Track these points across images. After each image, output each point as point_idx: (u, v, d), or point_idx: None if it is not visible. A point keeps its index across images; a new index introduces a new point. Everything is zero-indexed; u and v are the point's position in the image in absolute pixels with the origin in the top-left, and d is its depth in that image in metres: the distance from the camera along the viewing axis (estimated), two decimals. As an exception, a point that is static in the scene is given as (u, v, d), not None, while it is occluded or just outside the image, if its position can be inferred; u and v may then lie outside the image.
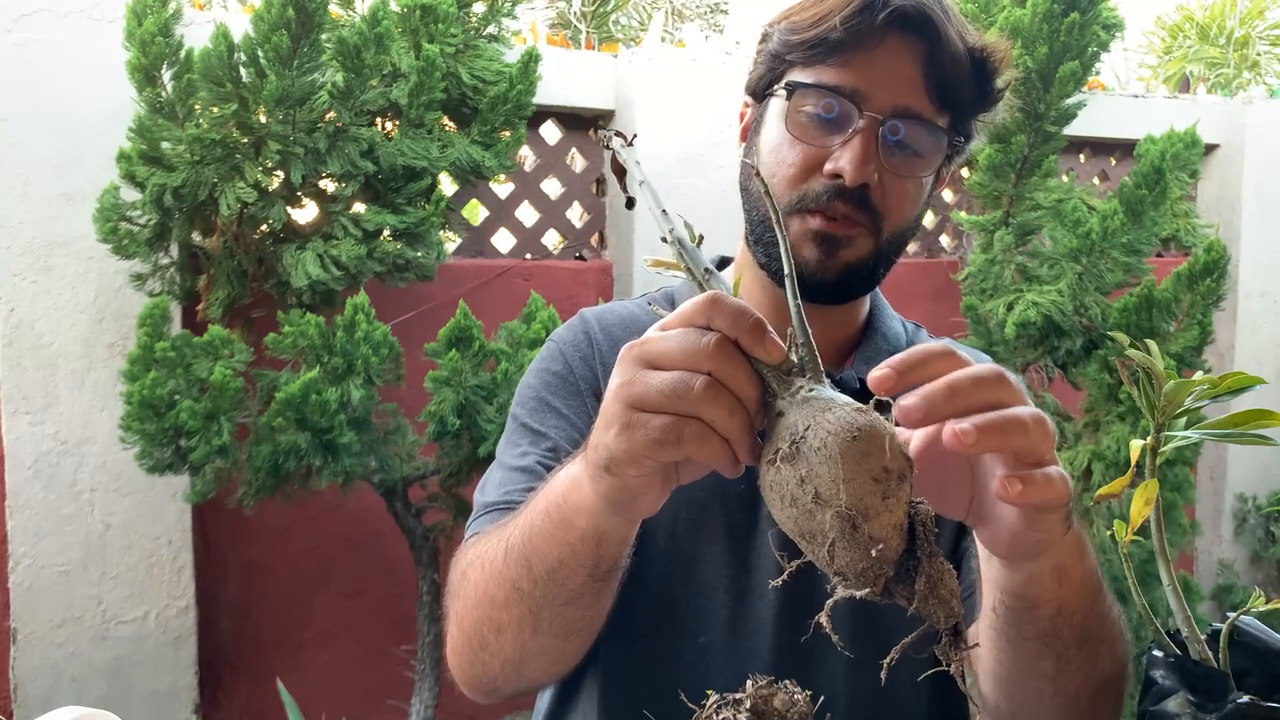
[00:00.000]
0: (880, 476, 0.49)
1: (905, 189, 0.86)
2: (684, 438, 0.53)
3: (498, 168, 2.21)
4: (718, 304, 0.55)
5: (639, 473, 0.57)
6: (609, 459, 0.57)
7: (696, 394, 0.53)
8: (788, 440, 0.51)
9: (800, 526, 0.51)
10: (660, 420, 0.54)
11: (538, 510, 0.69)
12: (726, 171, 2.66)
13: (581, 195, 2.74)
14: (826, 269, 0.85)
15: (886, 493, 0.49)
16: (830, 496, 0.49)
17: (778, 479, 0.51)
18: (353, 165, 1.98)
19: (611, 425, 0.56)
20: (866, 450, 0.49)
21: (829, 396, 0.53)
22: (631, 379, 0.55)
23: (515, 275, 2.58)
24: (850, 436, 0.49)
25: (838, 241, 0.85)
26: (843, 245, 0.85)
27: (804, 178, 0.85)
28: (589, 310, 1.00)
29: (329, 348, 1.92)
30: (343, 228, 2.00)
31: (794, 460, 0.51)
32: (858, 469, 0.49)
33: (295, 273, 1.94)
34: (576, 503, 0.64)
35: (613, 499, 0.60)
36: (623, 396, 0.55)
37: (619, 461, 0.56)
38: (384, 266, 2.05)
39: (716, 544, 0.89)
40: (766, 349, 0.54)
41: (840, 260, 0.85)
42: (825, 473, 0.49)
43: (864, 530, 0.49)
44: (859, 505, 0.49)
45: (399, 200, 2.07)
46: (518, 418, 0.94)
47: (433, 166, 2.09)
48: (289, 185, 1.97)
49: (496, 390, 2.05)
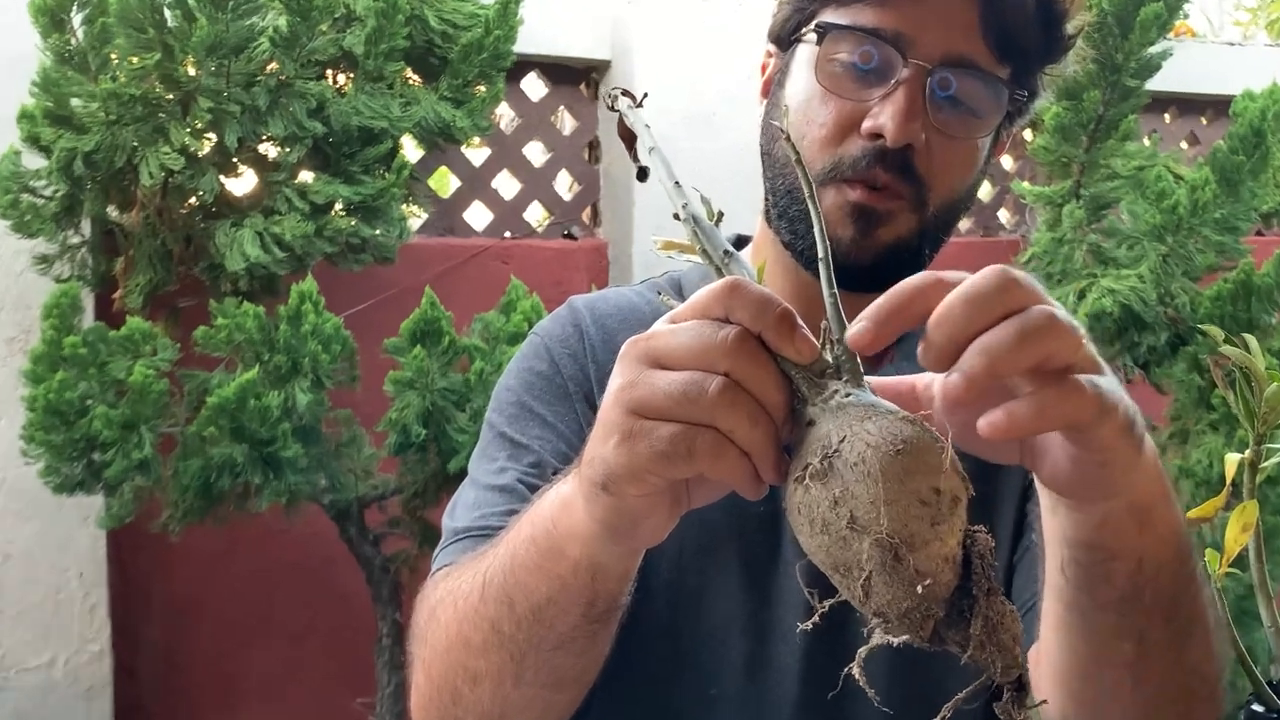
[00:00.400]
0: (929, 498, 0.49)
1: (957, 153, 0.87)
2: (696, 450, 0.53)
3: (471, 129, 2.21)
4: (738, 291, 0.55)
5: (642, 492, 0.57)
6: (607, 475, 0.57)
7: (712, 398, 0.53)
8: (819, 454, 0.51)
9: (832, 557, 0.51)
10: (668, 429, 0.54)
11: (521, 538, 0.69)
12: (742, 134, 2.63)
13: (571, 162, 2.74)
14: (863, 250, 0.85)
15: (937, 518, 0.49)
16: (869, 522, 0.49)
17: (807, 500, 0.51)
18: (298, 126, 1.97)
19: (610, 435, 0.56)
20: (913, 467, 0.49)
21: (869, 402, 0.53)
22: (634, 380, 0.55)
23: (492, 257, 2.57)
24: (894, 450, 0.50)
25: (877, 217, 0.85)
26: (883, 221, 0.85)
27: (838, 139, 0.85)
28: (580, 299, 1.00)
29: (270, 343, 1.92)
30: (287, 200, 1.99)
31: (826, 478, 0.51)
32: (902, 489, 0.49)
33: (230, 254, 1.94)
34: (568, 528, 0.64)
35: (611, 523, 0.60)
36: (624, 401, 0.55)
37: (619, 478, 0.56)
38: (336, 247, 2.05)
39: (731, 575, 0.89)
40: (796, 345, 0.54)
41: (879, 239, 0.86)
42: (863, 493, 0.49)
43: (909, 562, 0.49)
44: (903, 532, 0.49)
45: (353, 168, 2.07)
46: (495, 426, 0.94)
47: (394, 128, 2.08)
48: (222, 150, 1.97)
49: (470, 394, 2.05)
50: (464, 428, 2.03)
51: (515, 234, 2.69)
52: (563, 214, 2.75)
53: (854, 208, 0.85)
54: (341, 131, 2.04)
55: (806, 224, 0.87)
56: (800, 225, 0.89)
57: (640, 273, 2.58)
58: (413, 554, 2.18)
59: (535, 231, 2.72)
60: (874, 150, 0.84)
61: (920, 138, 0.84)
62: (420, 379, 2.00)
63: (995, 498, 0.92)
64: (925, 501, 0.49)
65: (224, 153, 1.97)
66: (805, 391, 0.55)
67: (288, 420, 1.90)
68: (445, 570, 0.82)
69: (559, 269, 2.63)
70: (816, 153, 0.86)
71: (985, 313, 0.53)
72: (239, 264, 1.93)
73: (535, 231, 2.72)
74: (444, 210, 2.61)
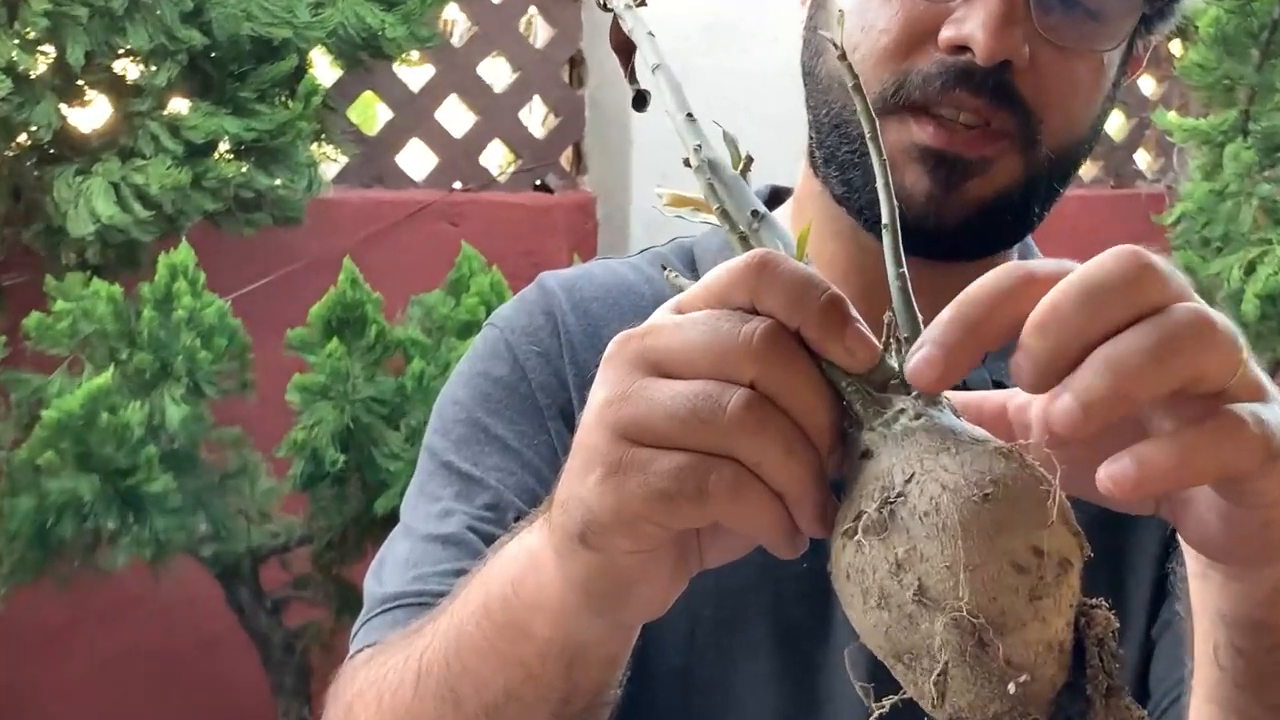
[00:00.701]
0: (1027, 563, 0.49)
1: (1074, 71, 0.87)
2: (710, 489, 0.54)
3: (408, 39, 2.21)
4: (769, 269, 0.55)
5: (635, 546, 0.57)
6: (587, 523, 0.57)
7: (732, 418, 0.53)
8: (877, 498, 0.52)
9: (893, 641, 0.51)
10: (671, 460, 0.54)
11: (470, 609, 0.69)
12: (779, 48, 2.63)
13: (546, 85, 2.74)
14: (946, 208, 0.86)
15: (1038, 589, 0.49)
16: (944, 593, 0.49)
17: (859, 562, 0.52)
18: (168, 36, 1.97)
19: (592, 468, 0.56)
20: (1007, 519, 0.49)
21: (948, 426, 0.53)
22: (625, 392, 0.56)
23: (436, 216, 2.57)
24: (980, 495, 0.50)
25: (965, 165, 0.86)
26: (974, 170, 0.86)
27: (906, 52, 0.86)
28: (553, 276, 1.00)
29: (130, 336, 1.92)
30: (152, 139, 2.00)
31: (886, 532, 0.51)
32: (991, 549, 0.49)
33: (74, 213, 1.94)
34: (534, 596, 0.64)
35: (593, 589, 0.60)
36: (611, 421, 0.56)
37: (603, 527, 0.56)
38: (220, 202, 2.05)
39: (761, 660, 0.90)
40: (848, 345, 0.54)
41: (970, 194, 0.86)
42: (936, 554, 0.49)
43: (998, 651, 0.49)
44: (990, 609, 0.49)
45: (245, 94, 2.07)
46: (437, 454, 0.94)
47: (300, 38, 2.08)
48: (64, 69, 1.97)
49: (406, 405, 2.05)
50: (397, 452, 2.03)
51: (468, 185, 2.68)
52: (534, 157, 2.74)
53: (924, 153, 0.86)
54: (228, 43, 2.04)
55: (865, 170, 0.87)
56: (855, 173, 0.89)
57: (640, 238, 2.58)
58: (327, 627, 2.18)
59: (496, 181, 2.72)
60: (956, 67, 0.84)
61: (1022, 50, 0.84)
62: (337, 385, 2.01)
63: (1124, 554, 0.92)
64: (1022, 567, 0.49)
65: (66, 73, 1.97)
66: (860, 410, 0.55)
67: (154, 442, 1.90)
68: (368, 652, 0.82)
69: (529, 233, 2.63)
70: (877, 70, 0.86)
71: (1108, 312, 0.52)
72: (86, 227, 1.93)
73: (496, 181, 2.72)
74: (370, 152, 2.61)
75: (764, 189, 1.00)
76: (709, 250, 1.00)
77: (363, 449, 2.02)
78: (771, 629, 0.90)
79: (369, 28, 2.15)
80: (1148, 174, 3.28)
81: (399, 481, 2.02)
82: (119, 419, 1.85)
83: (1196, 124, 2.76)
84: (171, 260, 1.94)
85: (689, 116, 0.63)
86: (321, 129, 2.20)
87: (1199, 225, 2.70)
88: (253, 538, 2.08)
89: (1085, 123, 0.90)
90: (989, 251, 0.92)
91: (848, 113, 0.88)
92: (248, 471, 2.10)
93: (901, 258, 0.59)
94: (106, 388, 1.85)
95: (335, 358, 2.00)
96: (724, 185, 0.62)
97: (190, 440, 1.96)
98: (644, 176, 2.59)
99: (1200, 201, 2.71)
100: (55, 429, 1.84)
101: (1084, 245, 2.26)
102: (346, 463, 2.01)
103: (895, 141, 0.86)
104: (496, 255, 2.26)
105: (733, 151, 0.63)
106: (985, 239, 0.90)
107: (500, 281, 2.15)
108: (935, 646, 0.49)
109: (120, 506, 1.90)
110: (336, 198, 2.45)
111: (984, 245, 0.91)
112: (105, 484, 1.88)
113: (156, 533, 1.92)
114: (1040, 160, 0.87)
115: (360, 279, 2.05)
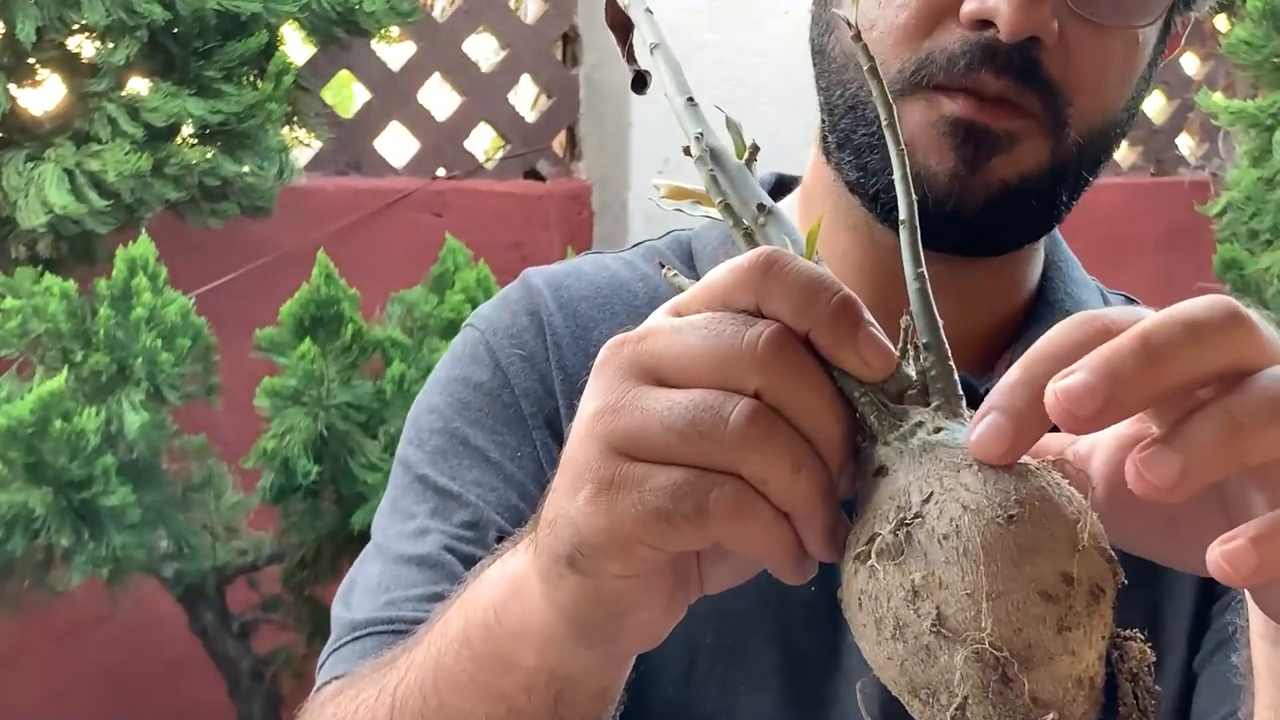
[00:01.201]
0: (1056, 590, 0.49)
1: (1106, 50, 0.88)
2: (710, 509, 0.54)
3: (387, 14, 2.20)
4: (776, 269, 0.55)
5: (628, 570, 0.57)
6: (576, 544, 0.57)
7: (734, 431, 0.53)
8: (892, 519, 0.52)
9: (909, 675, 0.51)
10: (668, 476, 0.54)
11: (450, 638, 0.69)
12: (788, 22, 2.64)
13: (537, 64, 2.74)
14: (970, 191, 0.86)
15: (1067, 619, 0.49)
16: (964, 624, 0.49)
17: (873, 588, 0.52)
18: (126, 11, 1.97)
19: (581, 484, 0.56)
20: (1033, 542, 0.49)
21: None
22: (618, 403, 0.56)
23: (418, 206, 2.57)
24: (1004, 516, 0.50)
25: (991, 140, 0.86)
26: (1000, 145, 0.86)
27: (927, 28, 0.86)
28: (538, 273, 1.01)
29: (85, 336, 1.92)
30: (110, 122, 1.99)
31: (902, 556, 0.51)
32: (1016, 575, 0.49)
33: (24, 202, 1.94)
34: (518, 624, 0.64)
35: (582, 617, 0.60)
36: (602, 433, 0.56)
37: (594, 549, 0.56)
38: (184, 191, 2.05)
39: (765, 693, 0.90)
40: (861, 352, 0.55)
41: (994, 175, 0.86)
42: (956, 581, 0.49)
43: (1023, 686, 0.49)
44: (1015, 641, 0.49)
45: (210, 73, 2.07)
46: (412, 467, 0.95)
47: (270, 12, 2.09)
48: (13, 47, 1.96)
49: (385, 412, 2.05)
50: (375, 462, 2.03)
51: (453, 172, 2.69)
52: (524, 142, 2.74)
53: (955, 125, 0.86)
54: (192, 18, 2.04)
55: (883, 154, 0.87)
56: (871, 156, 0.89)
57: (639, 230, 2.58)
58: (298, 652, 2.18)
59: (483, 168, 2.71)
60: (980, 45, 0.84)
61: (1051, 26, 0.84)
62: (310, 389, 2.01)
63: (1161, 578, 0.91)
64: (1050, 595, 0.49)
65: (15, 50, 1.98)
66: (874, 423, 0.55)
67: (110, 451, 1.90)
68: (336, 685, 0.82)
69: (518, 224, 2.63)
70: (896, 48, 0.87)
71: (1208, 357, 0.51)
72: (38, 217, 1.94)
73: (483, 168, 2.71)
74: (347, 137, 2.61)
75: (769, 177, 1.01)
76: (708, 245, 1.00)
77: (338, 459, 2.03)
78: (777, 659, 0.90)
79: (345, 1, 2.16)
80: (1191, 160, 3.28)
81: (377, 494, 2.02)
82: (73, 426, 1.86)
83: (1244, 106, 2.76)
84: (130, 254, 1.94)
85: (690, 101, 0.63)
86: (293, 111, 2.20)
87: (1246, 216, 2.70)
88: (218, 555, 2.09)
89: (1118, 105, 0.90)
90: (1013, 244, 0.94)
91: (864, 93, 0.89)
92: (213, 483, 2.11)
93: (920, 256, 0.59)
94: (59, 392, 1.86)
95: (308, 360, 2.00)
96: (727, 176, 0.62)
97: (150, 449, 1.96)
98: (643, 163, 2.60)
99: (1248, 190, 2.71)
100: (4, 437, 1.84)
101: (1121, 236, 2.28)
102: (320, 474, 2.02)
103: (920, 120, 0.86)
104: (483, 248, 2.26)
105: (736, 140, 0.63)
106: (1009, 229, 0.90)
107: (487, 277, 2.16)
108: (954, 681, 0.49)
109: (74, 521, 1.90)
110: (310, 186, 2.46)
111: (1008, 236, 0.92)
112: (58, 497, 1.89)
113: (114, 550, 1.92)
114: (1068, 145, 0.88)
115: (335, 274, 2.06)
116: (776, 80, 2.55)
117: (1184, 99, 3.20)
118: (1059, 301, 0.98)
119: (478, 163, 2.71)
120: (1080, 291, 1.00)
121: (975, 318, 0.95)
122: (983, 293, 0.96)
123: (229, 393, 2.07)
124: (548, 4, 2.72)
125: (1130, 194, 3.09)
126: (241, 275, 2.36)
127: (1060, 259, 1.01)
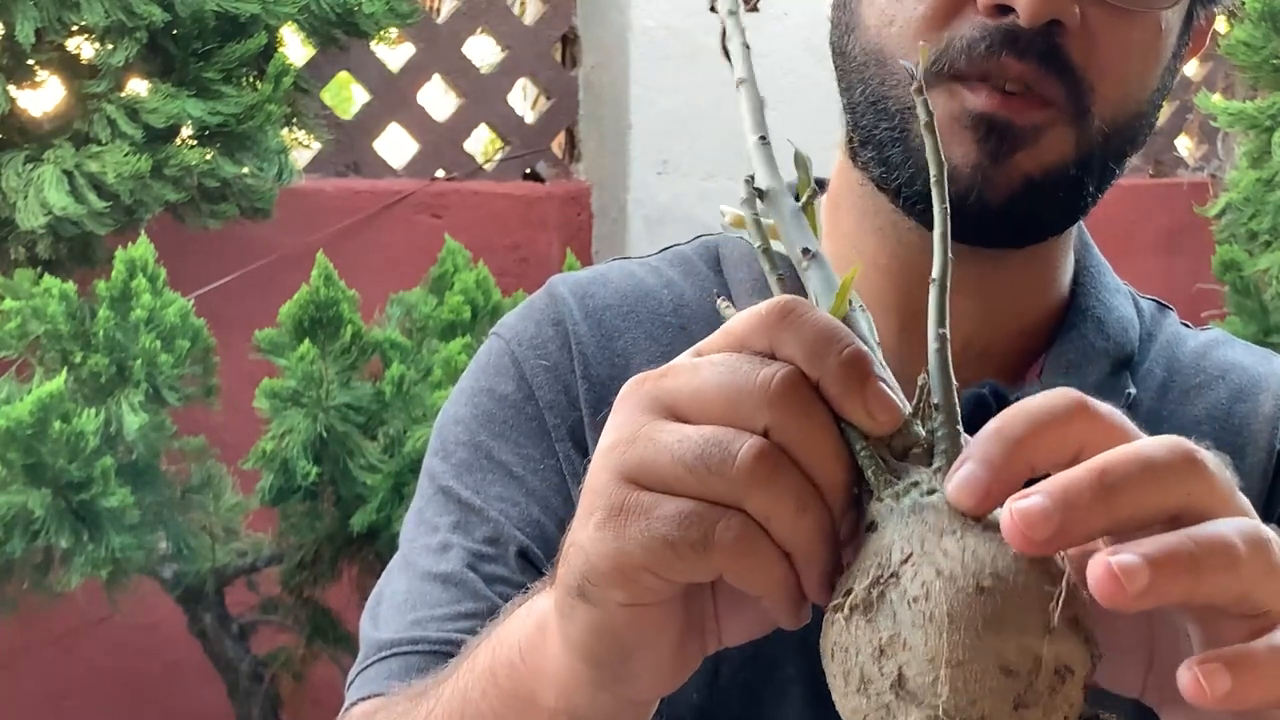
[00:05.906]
0: (1018, 667, 0.49)
1: (1129, 35, 0.87)
2: (715, 540, 0.54)
3: (386, 15, 2.20)
4: (792, 317, 0.56)
5: (631, 598, 0.57)
6: (584, 573, 0.58)
7: (742, 466, 0.54)
8: (870, 576, 0.53)
9: None
10: (675, 506, 0.55)
11: (477, 674, 0.70)
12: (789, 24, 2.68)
13: (537, 65, 2.73)
14: (993, 184, 0.86)
15: (1025, 697, 0.49)
16: (921, 688, 0.50)
17: (844, 641, 0.53)
18: (126, 12, 1.97)
19: (593, 511, 0.57)
20: (1001, 615, 0.50)
21: None
22: (634, 434, 0.57)
23: (418, 207, 2.57)
24: (974, 587, 0.50)
25: (1015, 134, 0.85)
26: (1023, 139, 0.86)
27: (945, 18, 0.86)
28: (564, 281, 1.01)
29: (84, 338, 1.91)
30: (109, 123, 2.00)
31: (873, 613, 0.52)
32: (979, 646, 0.49)
33: (24, 204, 1.94)
34: (540, 663, 0.65)
35: (591, 652, 0.61)
36: (615, 463, 0.57)
37: (600, 576, 0.57)
38: (183, 192, 2.05)
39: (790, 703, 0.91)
40: (869, 406, 0.56)
41: (1017, 169, 0.86)
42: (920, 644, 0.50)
43: None
44: (969, 712, 0.49)
45: (209, 75, 2.07)
46: (436, 478, 0.95)
47: (270, 14, 2.09)
48: (12, 48, 1.96)
49: (384, 412, 2.05)
50: (375, 464, 2.03)
51: (452, 173, 2.69)
52: (523, 143, 2.74)
53: (977, 120, 0.85)
54: (191, 20, 2.05)
55: (905, 147, 0.88)
56: (895, 150, 0.89)
57: (638, 231, 2.58)
58: (298, 654, 2.18)
59: (482, 170, 2.71)
60: (1000, 31, 0.84)
61: (1073, 10, 0.83)
62: (309, 391, 2.01)
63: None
64: (1011, 670, 0.49)
65: (15, 52, 1.97)
66: (872, 478, 0.56)
67: (110, 453, 1.90)
68: (368, 706, 0.83)
69: (518, 226, 2.63)
70: (911, 39, 0.86)
71: (1162, 499, 0.53)
72: (37, 219, 1.94)
73: (482, 170, 2.71)
74: (346, 138, 2.62)
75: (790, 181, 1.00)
76: (735, 250, 1.00)
77: (337, 460, 2.03)
78: (803, 670, 0.89)
79: (344, 3, 2.17)
80: (1190, 161, 3.29)
81: (376, 496, 2.03)
82: (72, 428, 1.86)
83: (1243, 107, 2.76)
84: (129, 255, 1.94)
85: (762, 139, 0.64)
86: (293, 113, 2.20)
87: (1245, 217, 2.71)
88: (217, 557, 2.09)
89: (1143, 93, 0.90)
90: (1039, 236, 0.93)
91: (885, 88, 0.89)
92: (212, 485, 2.11)
93: (945, 315, 0.59)
94: (59, 393, 1.86)
95: (307, 361, 2.00)
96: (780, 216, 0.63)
97: (149, 451, 1.96)
98: (642, 165, 2.60)
99: (1247, 191, 2.71)
100: (3, 438, 1.85)
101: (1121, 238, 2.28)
102: (319, 475, 2.02)
103: (940, 114, 0.84)
104: (482, 250, 2.27)
105: (803, 175, 0.64)
106: (1034, 221, 0.90)
107: (486, 278, 2.16)
108: None
109: (73, 523, 1.91)
110: (309, 187, 2.46)
111: (1033, 228, 0.91)
112: (57, 498, 1.89)
113: (113, 551, 1.93)
114: (1093, 133, 0.88)
115: (334, 275, 2.06)
116: (777, 80, 2.55)
117: (1183, 100, 3.20)
118: (1090, 309, 0.98)
119: (477, 164, 2.72)
120: (1112, 298, 1.01)
121: (1004, 320, 0.95)
122: (1011, 293, 0.95)
123: (228, 394, 2.08)
124: (547, 5, 2.72)
125: (1129, 195, 3.09)
126: (241, 277, 2.36)
127: (1092, 264, 1.01)
